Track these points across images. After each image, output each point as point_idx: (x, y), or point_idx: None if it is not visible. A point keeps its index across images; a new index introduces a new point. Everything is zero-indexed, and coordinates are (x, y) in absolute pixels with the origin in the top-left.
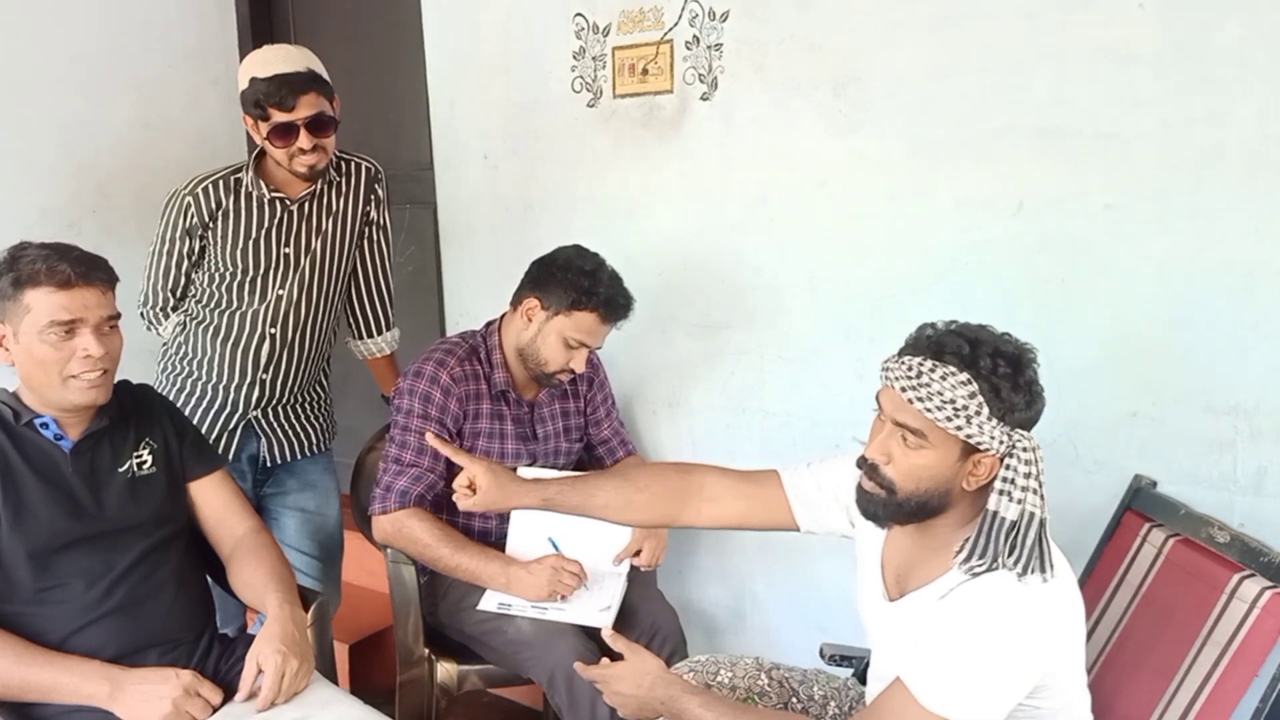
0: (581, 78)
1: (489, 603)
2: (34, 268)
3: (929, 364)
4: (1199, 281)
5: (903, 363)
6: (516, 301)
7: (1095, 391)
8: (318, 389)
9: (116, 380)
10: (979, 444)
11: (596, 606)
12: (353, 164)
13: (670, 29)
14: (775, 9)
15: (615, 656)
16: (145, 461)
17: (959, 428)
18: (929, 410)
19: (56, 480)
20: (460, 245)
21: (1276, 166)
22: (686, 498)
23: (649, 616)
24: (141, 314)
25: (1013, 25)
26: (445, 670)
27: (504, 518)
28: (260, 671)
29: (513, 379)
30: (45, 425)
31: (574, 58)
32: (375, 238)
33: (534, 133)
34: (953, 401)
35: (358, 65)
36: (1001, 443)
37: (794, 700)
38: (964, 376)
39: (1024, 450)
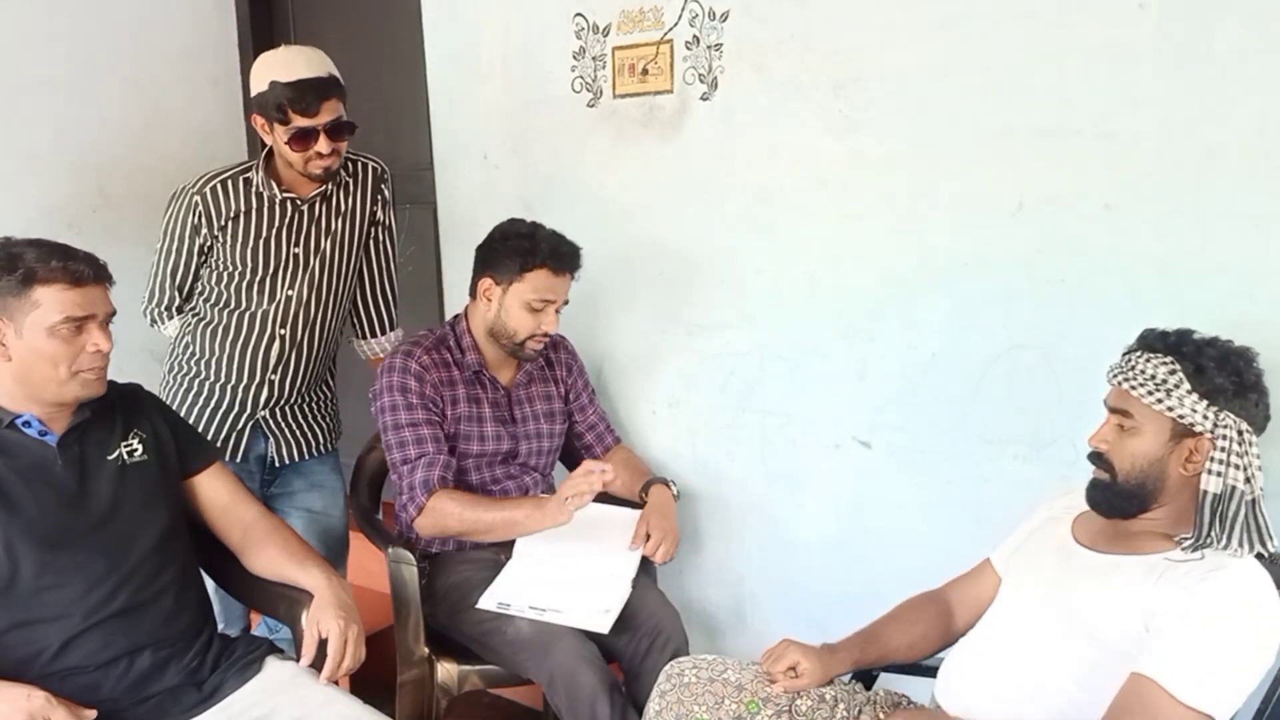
0: (581, 78)
1: (488, 602)
2: (47, 265)
3: (1139, 352)
4: (1199, 281)
5: (1121, 358)
6: (474, 290)
7: (1095, 391)
8: (324, 388)
9: None
10: (1180, 416)
11: (597, 608)
12: (360, 164)
13: (670, 29)
14: (775, 9)
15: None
16: (136, 450)
17: (1159, 400)
18: (1134, 389)
19: (47, 477)
20: (460, 245)
21: (1276, 166)
22: (947, 618)
23: (651, 618)
24: (145, 312)
25: (1013, 25)
26: (445, 670)
27: None
28: (322, 639)
29: (484, 359)
30: (28, 424)
31: (574, 58)
32: (381, 238)
33: (534, 133)
34: (1154, 378)
35: (358, 65)
36: (1206, 417)
37: (799, 701)
38: (1168, 358)
39: (1226, 429)
